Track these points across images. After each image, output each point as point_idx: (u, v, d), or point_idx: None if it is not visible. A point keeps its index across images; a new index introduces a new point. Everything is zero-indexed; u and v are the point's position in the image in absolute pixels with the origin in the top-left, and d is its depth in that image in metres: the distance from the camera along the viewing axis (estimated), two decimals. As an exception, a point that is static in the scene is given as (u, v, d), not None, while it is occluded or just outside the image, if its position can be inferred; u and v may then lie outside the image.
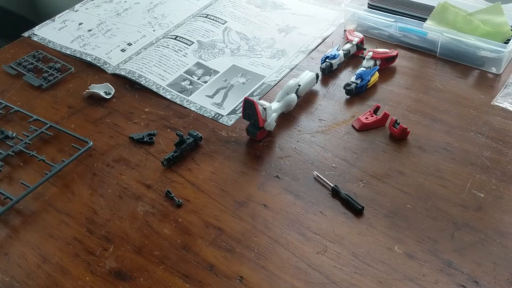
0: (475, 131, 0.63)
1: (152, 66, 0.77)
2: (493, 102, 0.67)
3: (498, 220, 0.52)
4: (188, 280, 0.49)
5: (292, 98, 0.67)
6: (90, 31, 0.87)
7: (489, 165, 0.58)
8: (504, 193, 0.55)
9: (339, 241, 0.51)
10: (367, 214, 0.54)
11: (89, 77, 0.77)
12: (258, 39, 0.83)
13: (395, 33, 0.79)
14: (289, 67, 0.77)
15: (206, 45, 0.82)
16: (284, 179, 0.59)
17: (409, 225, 0.52)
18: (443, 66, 0.74)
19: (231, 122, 0.67)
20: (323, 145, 0.63)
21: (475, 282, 0.47)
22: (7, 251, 0.53)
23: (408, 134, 0.62)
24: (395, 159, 0.60)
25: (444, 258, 0.49)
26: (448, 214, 0.53)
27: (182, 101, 0.71)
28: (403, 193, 0.56)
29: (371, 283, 0.47)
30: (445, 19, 0.75)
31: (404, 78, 0.73)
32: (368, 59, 0.73)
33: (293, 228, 0.53)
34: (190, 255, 0.51)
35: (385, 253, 0.50)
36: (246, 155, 0.62)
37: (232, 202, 0.56)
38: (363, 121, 0.64)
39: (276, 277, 0.48)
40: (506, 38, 0.72)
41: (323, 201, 0.56)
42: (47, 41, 0.86)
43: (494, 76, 0.72)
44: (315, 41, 0.82)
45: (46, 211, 0.57)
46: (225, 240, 0.52)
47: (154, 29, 0.87)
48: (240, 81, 0.75)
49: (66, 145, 0.65)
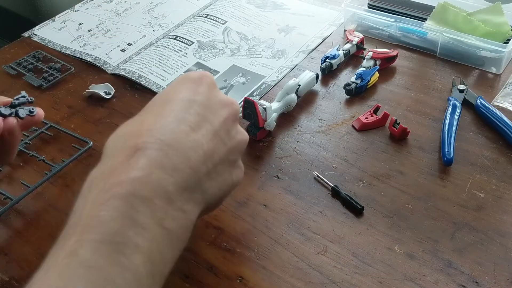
0: (475, 131, 0.63)
1: (152, 66, 0.77)
2: (493, 102, 0.67)
3: (498, 220, 0.52)
4: (188, 280, 0.49)
5: (292, 98, 0.67)
6: (90, 31, 0.87)
7: (489, 165, 0.58)
8: (504, 193, 0.55)
9: (339, 241, 0.51)
10: (367, 214, 0.54)
11: (89, 77, 0.77)
12: (258, 39, 0.83)
13: (395, 33, 0.79)
14: (289, 67, 0.77)
15: (206, 45, 0.82)
16: (284, 179, 0.59)
17: (409, 225, 0.52)
18: (443, 66, 0.74)
19: (231, 122, 0.67)
20: (323, 145, 0.63)
21: (475, 282, 0.47)
22: (7, 251, 0.53)
23: (408, 134, 0.62)
24: (395, 159, 0.60)
25: (444, 258, 0.49)
26: (448, 214, 0.53)
27: (182, 101, 0.71)
28: (403, 193, 0.56)
29: (371, 283, 0.47)
30: (445, 19, 0.75)
31: (404, 78, 0.73)
32: (368, 59, 0.73)
33: (293, 228, 0.53)
34: (190, 255, 0.51)
35: (385, 253, 0.50)
36: (246, 155, 0.62)
37: (232, 202, 0.56)
38: (363, 121, 0.64)
39: (276, 277, 0.48)
40: (506, 38, 0.72)
41: (323, 201, 0.56)
42: (47, 41, 0.86)
43: (494, 76, 0.72)
44: (315, 41, 0.82)
45: (46, 211, 0.57)
46: (225, 240, 0.52)
47: (154, 29, 0.87)
48: (240, 81, 0.75)
49: (66, 145, 0.65)
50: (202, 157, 0.39)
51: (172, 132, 0.38)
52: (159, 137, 0.38)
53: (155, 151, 0.37)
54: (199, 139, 0.40)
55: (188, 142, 0.39)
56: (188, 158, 0.38)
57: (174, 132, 0.39)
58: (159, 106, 0.42)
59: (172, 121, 0.39)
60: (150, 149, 0.37)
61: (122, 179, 0.35)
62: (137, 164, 0.36)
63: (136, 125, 0.40)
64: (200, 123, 0.40)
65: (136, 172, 0.35)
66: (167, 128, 0.39)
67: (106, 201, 0.34)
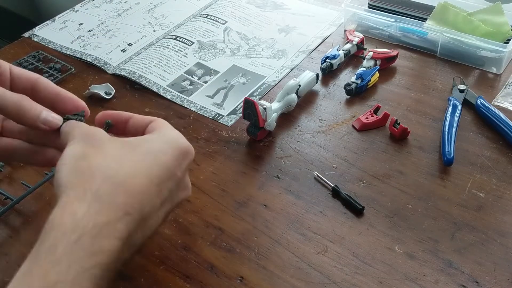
0: (476, 131, 0.63)
1: (152, 67, 0.77)
2: (493, 102, 0.67)
3: (499, 220, 0.52)
4: (188, 280, 0.49)
5: (292, 98, 0.67)
6: (90, 32, 0.87)
7: (490, 165, 0.58)
8: (505, 193, 0.55)
9: (340, 241, 0.51)
10: (368, 214, 0.54)
11: (90, 78, 0.77)
12: (258, 39, 0.83)
13: (395, 33, 0.79)
14: (289, 67, 0.77)
15: (206, 45, 0.82)
16: (285, 179, 0.59)
17: (409, 225, 0.52)
18: (443, 66, 0.74)
19: (231, 122, 0.67)
20: (324, 145, 0.63)
21: (476, 282, 0.47)
22: (7, 251, 0.53)
23: (409, 134, 0.62)
24: (395, 159, 0.60)
25: (444, 258, 0.49)
26: (448, 214, 0.53)
27: (182, 101, 0.71)
28: (404, 193, 0.56)
29: (372, 283, 0.47)
30: (445, 19, 0.75)
31: (404, 78, 0.73)
32: (368, 59, 0.73)
33: (294, 228, 0.53)
34: (191, 255, 0.51)
35: (386, 253, 0.50)
36: (246, 155, 0.62)
37: (233, 202, 0.56)
38: (363, 121, 0.64)
39: (277, 277, 0.48)
40: (506, 38, 0.72)
41: (324, 201, 0.56)
42: (47, 42, 0.86)
43: (494, 76, 0.72)
44: (315, 41, 0.82)
45: (47, 211, 0.56)
46: (225, 240, 0.52)
47: (155, 30, 0.87)
48: (240, 81, 0.75)
49: (67, 145, 0.65)
50: (152, 232, 0.41)
51: (150, 205, 0.39)
52: (142, 207, 0.38)
53: (134, 222, 0.38)
54: (159, 218, 0.41)
55: (153, 219, 0.40)
56: (145, 233, 0.40)
57: (151, 205, 0.39)
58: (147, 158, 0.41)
59: (154, 193, 0.40)
60: (133, 218, 0.37)
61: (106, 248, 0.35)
62: (121, 234, 0.36)
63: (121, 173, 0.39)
64: (167, 199, 0.42)
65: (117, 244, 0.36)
66: (149, 198, 0.39)
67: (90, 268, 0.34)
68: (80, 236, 0.34)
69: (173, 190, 0.42)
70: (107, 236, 0.35)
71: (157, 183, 0.40)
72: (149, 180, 0.39)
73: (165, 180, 0.40)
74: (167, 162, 0.41)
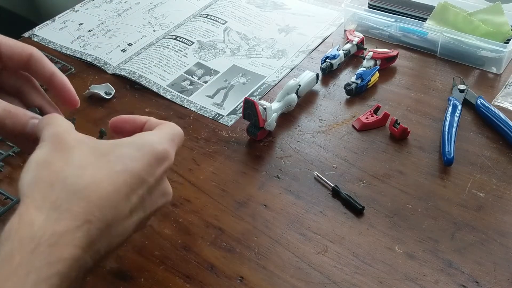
0: (476, 131, 0.63)
1: (152, 67, 0.77)
2: (493, 102, 0.67)
3: (499, 220, 0.52)
4: (188, 280, 0.49)
5: (292, 98, 0.67)
6: (90, 31, 0.87)
7: (490, 165, 0.58)
8: (505, 193, 0.55)
9: (340, 241, 0.51)
10: (368, 214, 0.54)
11: (90, 78, 0.77)
12: (258, 39, 0.83)
13: (395, 33, 0.79)
14: (289, 67, 0.77)
15: (206, 45, 0.82)
16: (285, 179, 0.59)
17: (409, 225, 0.52)
18: (443, 66, 0.74)
19: (231, 122, 0.67)
20: (324, 145, 0.63)
21: (476, 282, 0.47)
22: (8, 251, 0.53)
23: (409, 134, 0.62)
24: (395, 159, 0.60)
25: (444, 258, 0.49)
26: (448, 214, 0.53)
27: (182, 101, 0.71)
28: (404, 193, 0.56)
29: (372, 283, 0.47)
30: (445, 19, 0.75)
31: (404, 78, 0.73)
32: (368, 59, 0.73)
33: (294, 228, 0.53)
34: (191, 255, 0.51)
35: (386, 253, 0.50)
36: (246, 155, 0.62)
37: (233, 202, 0.56)
38: (363, 121, 0.64)
39: (277, 277, 0.48)
40: (506, 38, 0.72)
41: (324, 201, 0.56)
42: (47, 42, 0.86)
43: (494, 76, 0.72)
44: (315, 41, 0.82)
45: (47, 211, 0.57)
46: (225, 240, 0.52)
47: (155, 29, 0.87)
48: (240, 81, 0.75)
49: (67, 145, 0.65)
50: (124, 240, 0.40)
51: (115, 213, 0.38)
52: (104, 215, 0.37)
53: (96, 230, 0.36)
54: (129, 225, 0.40)
55: (121, 227, 0.39)
56: (111, 241, 0.39)
57: (117, 213, 0.38)
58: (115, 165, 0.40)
59: (120, 200, 0.38)
60: (94, 226, 0.36)
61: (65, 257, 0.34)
62: (81, 242, 0.35)
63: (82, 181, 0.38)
64: (137, 207, 0.40)
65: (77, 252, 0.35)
66: (112, 206, 0.38)
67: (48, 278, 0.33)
68: (37, 245, 0.33)
69: (146, 197, 0.40)
70: (66, 245, 0.34)
71: (125, 191, 0.38)
72: (114, 187, 0.38)
73: (134, 188, 0.39)
74: (136, 169, 0.40)
